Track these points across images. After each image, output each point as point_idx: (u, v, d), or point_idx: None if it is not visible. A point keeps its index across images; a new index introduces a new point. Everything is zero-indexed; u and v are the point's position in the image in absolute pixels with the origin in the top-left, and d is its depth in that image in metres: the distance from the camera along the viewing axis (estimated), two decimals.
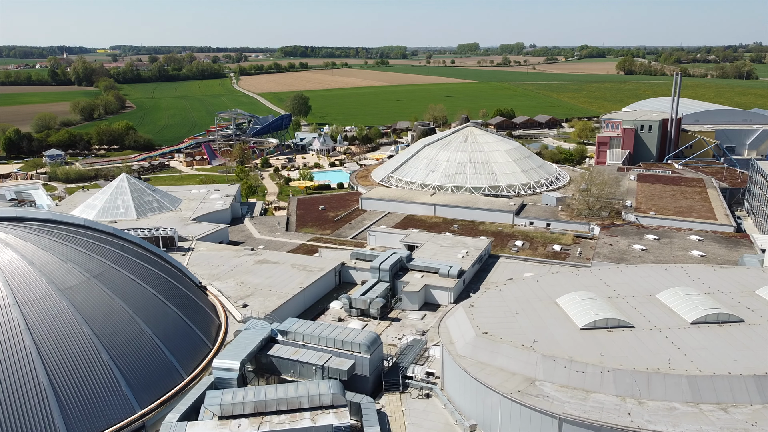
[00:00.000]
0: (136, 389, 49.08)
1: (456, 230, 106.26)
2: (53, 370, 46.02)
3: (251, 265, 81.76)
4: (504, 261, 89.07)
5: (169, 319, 56.27)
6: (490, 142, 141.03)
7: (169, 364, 52.73)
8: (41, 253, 53.17)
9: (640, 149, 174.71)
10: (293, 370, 56.43)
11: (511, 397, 46.88)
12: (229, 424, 47.46)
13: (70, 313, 49.53)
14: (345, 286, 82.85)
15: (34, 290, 49.60)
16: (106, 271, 55.25)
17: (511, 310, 58.08)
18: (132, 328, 52.32)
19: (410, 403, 54.52)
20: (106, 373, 48.15)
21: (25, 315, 47.64)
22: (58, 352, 47.04)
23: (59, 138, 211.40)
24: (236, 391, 50.03)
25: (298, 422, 47.72)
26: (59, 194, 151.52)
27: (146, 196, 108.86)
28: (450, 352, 53.62)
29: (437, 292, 76.16)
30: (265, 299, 71.10)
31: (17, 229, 55.40)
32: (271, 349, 57.40)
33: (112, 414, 47.01)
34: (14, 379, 44.57)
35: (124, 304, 53.35)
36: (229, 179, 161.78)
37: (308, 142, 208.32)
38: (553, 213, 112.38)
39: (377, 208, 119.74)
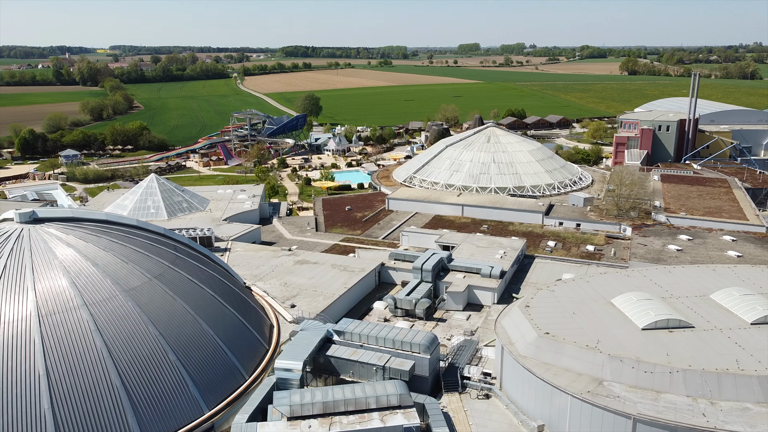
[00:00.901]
0: (203, 390, 49.07)
1: (486, 231, 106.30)
2: (124, 371, 46.00)
3: (291, 266, 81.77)
4: (540, 261, 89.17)
5: (227, 319, 56.26)
6: (513, 143, 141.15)
7: (231, 364, 52.72)
8: (102, 254, 53.15)
9: (658, 149, 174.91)
10: (352, 371, 56.46)
11: (581, 397, 46.94)
12: (299, 425, 47.47)
13: (136, 314, 49.50)
14: (384, 286, 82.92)
15: (100, 291, 49.57)
16: (165, 271, 55.23)
17: (567, 310, 58.13)
18: (195, 328, 52.31)
19: (471, 403, 54.60)
20: (174, 374, 48.13)
21: (94, 316, 47.62)
22: (128, 353, 47.03)
23: (74, 138, 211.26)
24: (304, 391, 50.05)
25: (368, 423, 47.72)
26: (80, 195, 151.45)
27: (176, 197, 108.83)
28: (511, 352, 53.67)
29: (480, 292, 76.20)
30: (312, 300, 71.12)
31: (76, 229, 55.36)
32: (328, 350, 57.49)
33: (181, 415, 47.00)
34: (89, 379, 44.54)
35: (186, 305, 53.32)
36: (248, 179, 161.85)
37: (323, 143, 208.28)
38: (582, 213, 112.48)
39: (404, 209, 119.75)
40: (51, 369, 43.94)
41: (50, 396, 42.98)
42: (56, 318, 46.49)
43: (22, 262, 49.77)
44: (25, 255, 50.46)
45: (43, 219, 56.28)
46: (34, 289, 47.69)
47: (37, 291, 47.67)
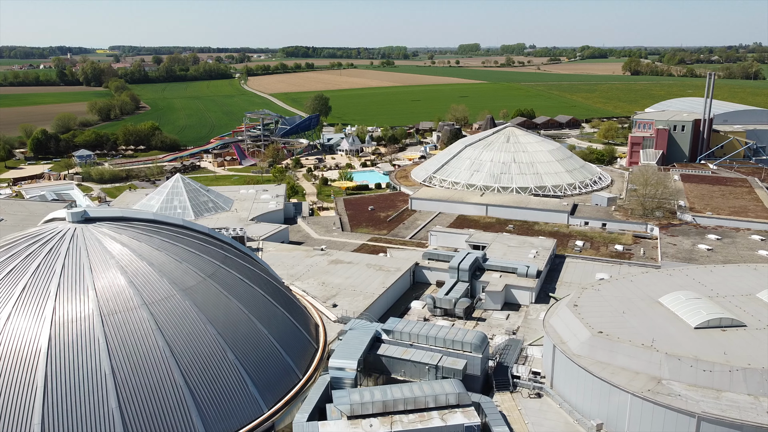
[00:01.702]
0: (262, 389, 49.11)
1: (512, 230, 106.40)
2: (187, 370, 46.01)
3: (326, 265, 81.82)
4: (571, 261, 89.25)
5: (278, 319, 56.30)
6: (533, 143, 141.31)
7: (286, 364, 52.75)
8: (156, 254, 53.15)
9: (673, 149, 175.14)
10: (404, 370, 56.52)
11: (642, 395, 47.04)
12: (360, 424, 47.54)
13: (194, 313, 49.52)
14: (419, 286, 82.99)
15: (158, 290, 49.58)
16: (217, 271, 55.25)
17: (616, 309, 58.21)
18: (250, 328, 52.34)
19: (523, 402, 54.67)
20: (234, 373, 48.16)
21: (155, 315, 47.63)
22: (189, 352, 47.05)
23: (86, 138, 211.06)
24: (363, 390, 50.16)
25: (428, 422, 47.81)
26: (97, 195, 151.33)
27: (201, 197, 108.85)
28: (564, 351, 53.74)
29: (518, 291, 76.29)
30: (353, 299, 71.20)
31: (127, 229, 55.35)
32: (378, 349, 57.55)
33: (242, 414, 47.04)
34: (153, 378, 44.57)
35: (239, 304, 53.34)
36: (264, 179, 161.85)
37: (335, 143, 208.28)
38: (607, 213, 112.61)
39: (427, 209, 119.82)
40: (116, 368, 43.96)
41: (117, 395, 43.00)
42: (118, 318, 46.50)
43: (80, 261, 49.76)
44: (82, 254, 50.45)
45: (94, 218, 56.28)
46: (95, 289, 47.69)
47: (98, 290, 47.67)
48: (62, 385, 42.49)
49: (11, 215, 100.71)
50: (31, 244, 51.47)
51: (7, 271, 48.48)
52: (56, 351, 43.76)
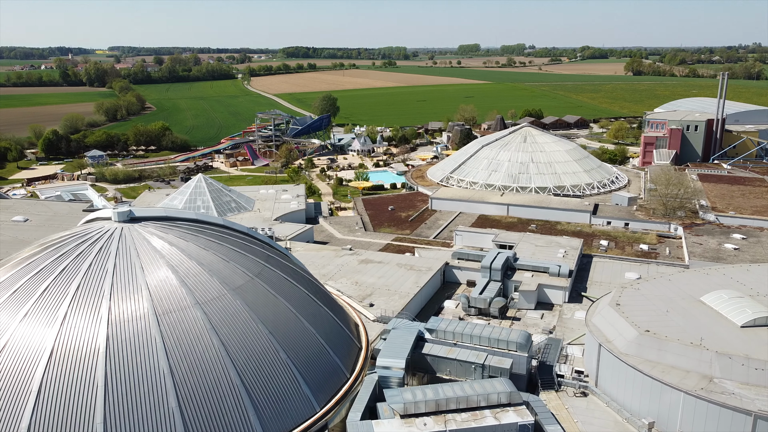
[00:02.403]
0: (314, 388, 49.08)
1: (535, 230, 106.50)
2: (242, 369, 45.99)
3: (356, 265, 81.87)
4: (598, 260, 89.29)
5: (323, 318, 56.31)
6: (549, 143, 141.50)
7: (334, 363, 52.75)
8: (204, 253, 53.12)
9: (686, 149, 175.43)
10: (449, 369, 56.57)
11: (696, 394, 47.15)
12: (413, 423, 47.60)
13: (246, 313, 49.51)
14: (448, 285, 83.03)
15: (209, 290, 49.56)
16: (263, 270, 55.23)
17: (659, 308, 58.28)
18: (299, 327, 52.35)
19: (570, 401, 54.75)
20: (286, 373, 48.14)
21: (208, 315, 47.61)
22: (243, 351, 47.03)
23: (97, 139, 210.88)
24: (414, 389, 50.26)
25: (482, 420, 47.89)
26: (113, 195, 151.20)
27: (224, 197, 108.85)
28: (611, 350, 53.81)
29: (551, 291, 76.39)
30: (388, 298, 71.27)
31: (173, 228, 55.34)
32: (422, 348, 57.60)
33: (297, 413, 47.01)
34: (211, 378, 44.54)
35: (287, 303, 53.32)
36: (278, 180, 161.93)
37: (346, 143, 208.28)
38: (629, 213, 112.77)
39: (448, 209, 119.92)
40: (174, 367, 43.93)
41: (176, 394, 42.97)
42: (173, 317, 46.48)
43: (131, 260, 49.75)
44: (131, 253, 50.45)
45: (139, 218, 56.29)
46: (148, 288, 47.67)
47: (151, 289, 47.64)
48: (122, 384, 42.47)
49: (35, 215, 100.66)
50: (79, 244, 51.43)
51: (59, 270, 48.45)
52: (114, 350, 43.73)
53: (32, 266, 49.59)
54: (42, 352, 43.24)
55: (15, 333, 44.42)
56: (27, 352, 43.39)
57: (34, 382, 42.04)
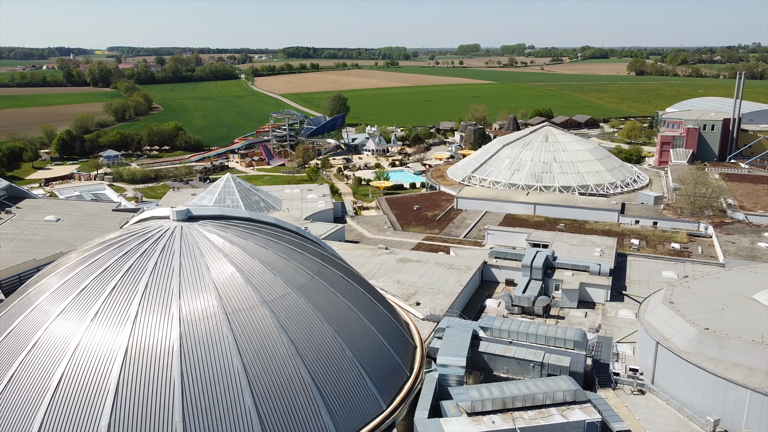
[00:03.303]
0: (379, 387, 49.03)
1: (563, 229, 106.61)
2: (312, 367, 45.91)
3: (395, 264, 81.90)
4: (633, 259, 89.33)
5: (381, 316, 56.31)
6: (571, 142, 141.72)
7: (395, 361, 52.74)
8: (264, 252, 53.10)
9: (702, 148, 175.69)
10: (506, 367, 56.59)
11: (764, 391, 47.27)
12: (481, 420, 47.65)
13: (311, 311, 49.46)
14: (486, 284, 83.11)
15: (274, 288, 49.52)
16: (321, 268, 55.23)
17: (713, 306, 58.37)
18: (360, 325, 52.35)
19: (629, 399, 54.80)
20: (353, 371, 48.10)
21: (276, 313, 47.56)
22: (312, 349, 46.98)
23: (110, 139, 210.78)
24: (480, 387, 50.32)
25: (549, 418, 47.95)
26: (134, 195, 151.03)
27: (253, 196, 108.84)
28: (670, 348, 53.91)
29: (592, 289, 76.47)
30: (433, 297, 71.32)
31: (231, 227, 55.32)
32: (478, 346, 57.64)
33: (365, 412, 46.96)
34: (283, 376, 44.47)
35: (347, 301, 53.34)
36: (297, 179, 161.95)
37: (360, 143, 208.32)
38: (656, 211, 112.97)
39: (473, 208, 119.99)
40: (248, 366, 43.88)
41: (251, 392, 42.93)
42: (242, 316, 46.41)
43: (195, 259, 49.70)
44: (195, 252, 50.41)
45: (196, 217, 56.28)
46: (215, 287, 47.63)
47: (218, 288, 47.59)
48: (198, 383, 42.41)
49: (66, 215, 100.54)
50: (142, 242, 51.41)
51: (126, 268, 48.41)
52: (188, 349, 43.66)
53: (96, 264, 49.53)
54: (116, 351, 43.16)
55: (87, 332, 44.34)
56: (101, 351, 43.31)
57: (110, 380, 41.97)
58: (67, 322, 45.26)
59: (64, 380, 42.31)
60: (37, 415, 41.20)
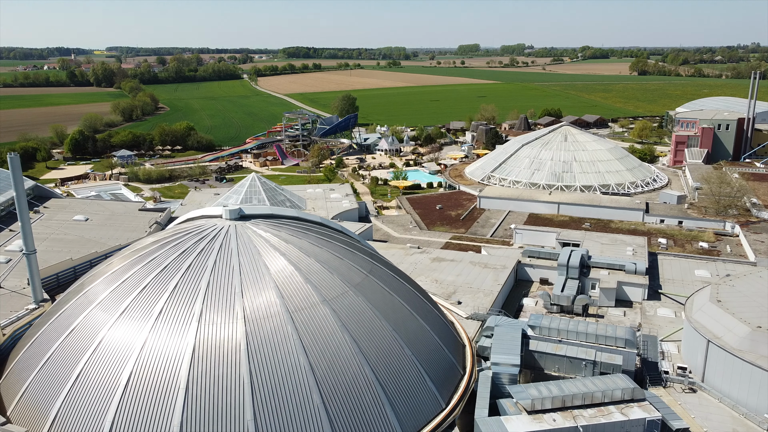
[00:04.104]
0: (437, 385, 49.09)
1: (589, 228, 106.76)
2: (375, 366, 45.93)
3: (430, 263, 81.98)
4: (664, 258, 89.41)
5: (432, 314, 56.39)
6: (590, 141, 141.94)
7: (449, 359, 52.81)
8: (318, 250, 53.14)
9: (717, 148, 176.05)
10: (557, 366, 56.66)
11: None
12: (542, 418, 47.72)
13: (370, 310, 49.50)
14: (520, 283, 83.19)
15: (333, 287, 49.55)
16: (374, 267, 55.30)
17: (761, 304, 58.47)
18: (415, 323, 52.40)
19: (681, 397, 54.89)
20: (413, 369, 48.14)
21: (337, 312, 47.64)
22: (373, 348, 47.02)
23: (123, 138, 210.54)
24: (538, 385, 50.35)
25: (609, 416, 48.03)
26: (152, 195, 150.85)
27: (278, 195, 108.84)
28: (723, 347, 54.04)
29: (629, 288, 76.58)
30: (473, 296, 71.41)
31: (283, 227, 55.35)
32: (528, 345, 57.72)
33: (426, 410, 47.01)
34: (348, 374, 44.48)
35: (401, 300, 53.41)
36: (313, 179, 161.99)
37: (373, 143, 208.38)
38: (680, 210, 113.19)
39: (496, 207, 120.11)
40: (314, 365, 43.89)
41: (319, 391, 42.97)
42: (304, 314, 46.44)
43: (253, 258, 49.72)
44: (252, 251, 50.44)
45: (248, 216, 56.34)
46: (276, 285, 47.66)
47: (279, 287, 47.61)
48: (267, 381, 42.41)
49: (94, 215, 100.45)
50: (198, 241, 51.44)
51: (186, 266, 48.43)
52: (255, 347, 43.68)
53: (155, 263, 49.54)
54: (184, 350, 43.15)
55: (153, 331, 44.34)
56: (169, 350, 43.30)
57: (180, 379, 41.96)
58: (131, 321, 45.26)
59: (133, 379, 42.32)
60: (107, 415, 41.19)
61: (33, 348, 48.46)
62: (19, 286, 70.24)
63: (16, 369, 48.11)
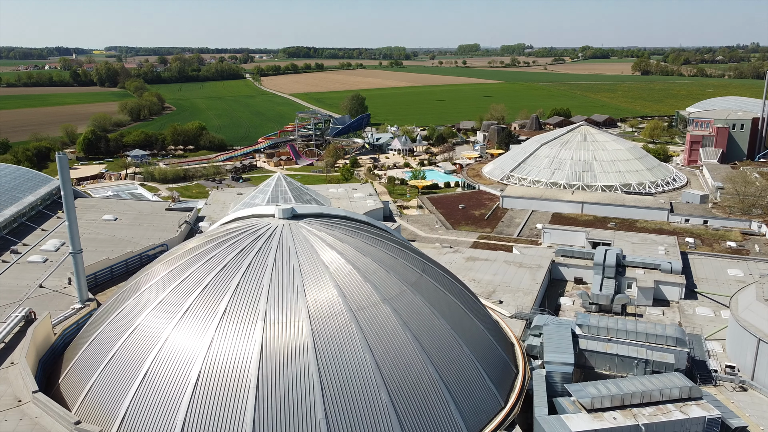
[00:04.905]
0: (496, 383, 49.23)
1: (615, 227, 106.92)
2: (437, 364, 45.97)
3: (464, 263, 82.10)
4: (694, 258, 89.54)
5: (482, 313, 56.54)
6: (609, 141, 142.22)
7: (504, 358, 52.94)
8: (373, 250, 53.21)
9: (731, 147, 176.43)
10: (608, 364, 56.84)
11: None
12: (602, 417, 47.86)
13: (428, 309, 49.59)
14: (554, 282, 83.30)
15: (391, 286, 49.59)
16: (426, 267, 55.40)
17: None
18: (470, 322, 52.50)
19: (733, 396, 55.06)
20: (472, 367, 48.26)
21: (397, 310, 47.71)
22: (435, 346, 47.10)
23: (135, 138, 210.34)
24: (597, 384, 50.50)
25: (669, 414, 48.18)
26: (171, 195, 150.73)
27: (304, 195, 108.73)
28: None
29: (666, 287, 76.72)
30: (513, 295, 71.54)
31: (336, 226, 55.45)
32: (578, 344, 57.85)
33: (488, 408, 47.15)
34: (412, 373, 44.54)
35: (455, 299, 53.55)
36: (330, 179, 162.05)
37: (385, 143, 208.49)
38: (704, 210, 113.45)
39: (519, 207, 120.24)
40: (380, 363, 43.94)
41: (387, 389, 43.00)
42: (366, 313, 46.50)
43: (311, 257, 49.77)
44: (309, 249, 50.49)
45: (300, 215, 56.43)
46: (337, 284, 47.71)
47: (340, 286, 47.66)
48: (336, 380, 42.44)
49: (122, 214, 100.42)
50: (255, 240, 51.52)
51: (246, 265, 48.48)
52: (321, 346, 43.73)
53: (214, 261, 49.56)
54: (252, 348, 43.15)
55: (219, 330, 44.33)
56: (237, 348, 43.29)
57: (250, 377, 41.98)
58: (195, 320, 45.27)
59: (203, 377, 42.31)
60: (178, 413, 41.21)
61: (93, 347, 48.42)
62: (60, 286, 70.23)
63: (77, 368, 48.09)
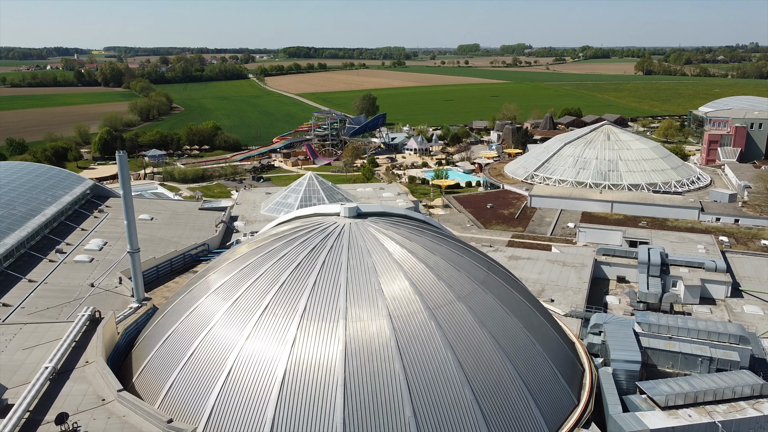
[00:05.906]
0: (568, 381, 49.27)
1: (645, 226, 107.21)
2: (514, 362, 45.96)
3: (507, 261, 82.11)
4: (732, 256, 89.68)
5: (544, 310, 56.68)
6: (633, 140, 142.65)
7: (571, 356, 53.05)
8: (440, 248, 53.26)
9: (749, 147, 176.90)
10: (671, 362, 56.94)
11: None
12: (677, 414, 48.00)
13: (500, 307, 49.66)
14: (597, 281, 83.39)
15: (463, 285, 49.59)
16: (491, 265, 55.51)
17: None
18: (537, 319, 52.41)
19: None
20: (546, 365, 48.26)
21: (472, 309, 47.76)
22: (508, 342, 47.12)
23: (151, 138, 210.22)
24: (668, 382, 50.66)
25: (744, 412, 48.35)
26: (195, 195, 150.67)
27: (336, 195, 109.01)
28: None
29: (712, 286, 76.94)
30: (563, 294, 71.72)
31: (400, 225, 55.48)
32: (641, 342, 57.97)
33: (564, 406, 47.19)
34: (492, 372, 44.65)
35: (521, 296, 53.61)
36: (350, 178, 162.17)
37: (401, 142, 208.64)
38: (734, 209, 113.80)
39: (547, 206, 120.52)
40: (462, 361, 44.02)
41: (471, 388, 43.06)
42: (443, 311, 46.56)
43: (384, 256, 49.83)
44: (379, 248, 50.56)
45: (364, 214, 56.52)
46: (412, 283, 47.78)
47: (415, 284, 47.75)
48: (420, 377, 42.39)
49: (157, 214, 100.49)
50: (324, 238, 51.58)
51: (320, 263, 48.52)
52: (404, 343, 43.79)
53: (287, 260, 49.54)
54: (336, 345, 43.21)
55: (300, 328, 44.30)
56: (320, 346, 43.31)
57: (337, 374, 42.01)
58: (275, 318, 45.28)
59: (288, 375, 42.27)
60: (267, 410, 41.20)
61: (167, 346, 48.36)
62: (111, 285, 70.23)
63: (152, 367, 48.04)
